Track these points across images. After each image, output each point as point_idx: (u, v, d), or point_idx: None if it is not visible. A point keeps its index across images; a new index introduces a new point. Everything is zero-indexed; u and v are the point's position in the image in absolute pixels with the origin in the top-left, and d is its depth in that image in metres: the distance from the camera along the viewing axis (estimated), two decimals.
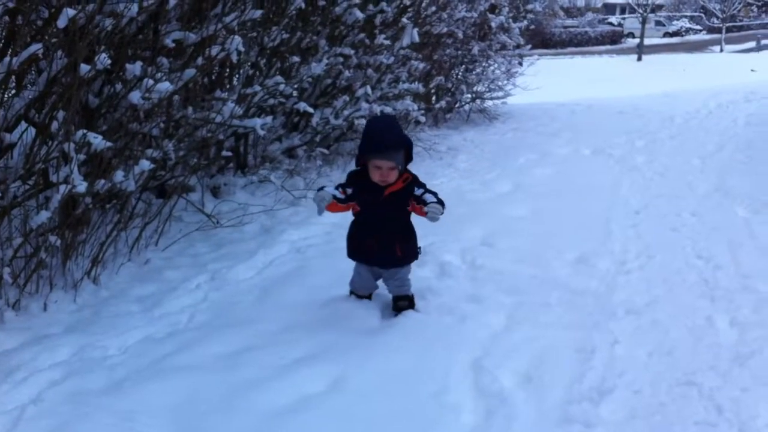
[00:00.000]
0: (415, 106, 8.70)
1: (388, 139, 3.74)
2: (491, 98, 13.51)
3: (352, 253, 4.11)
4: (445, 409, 3.21)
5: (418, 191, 3.85)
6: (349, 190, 3.83)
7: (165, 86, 4.37)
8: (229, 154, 6.21)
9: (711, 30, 57.78)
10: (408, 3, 8.46)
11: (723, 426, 3.13)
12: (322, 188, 3.76)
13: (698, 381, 3.49)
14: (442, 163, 8.95)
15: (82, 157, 3.92)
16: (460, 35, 11.56)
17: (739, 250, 5.46)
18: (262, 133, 5.79)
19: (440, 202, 3.78)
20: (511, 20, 13.48)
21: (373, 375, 3.46)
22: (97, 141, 3.88)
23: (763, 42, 47.81)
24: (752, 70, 28.97)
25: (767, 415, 3.21)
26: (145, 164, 4.36)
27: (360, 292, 4.24)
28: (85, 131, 3.87)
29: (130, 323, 4.01)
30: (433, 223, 3.77)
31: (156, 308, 4.23)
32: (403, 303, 4.12)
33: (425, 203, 3.79)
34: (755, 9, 70.84)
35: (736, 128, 12.19)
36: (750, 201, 6.93)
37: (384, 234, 3.95)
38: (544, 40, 45.82)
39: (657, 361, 3.72)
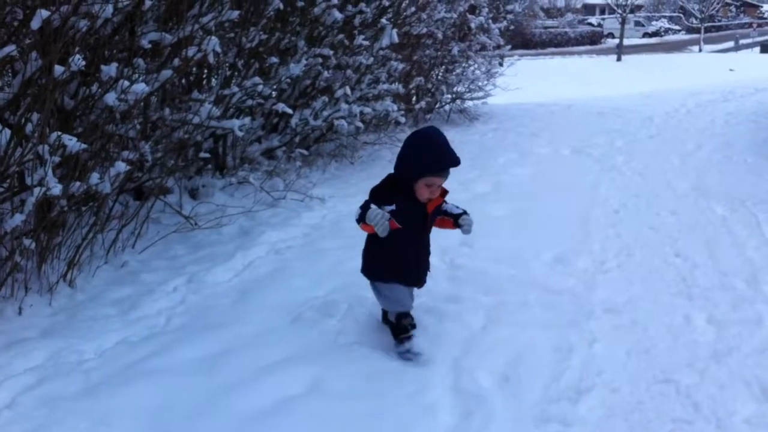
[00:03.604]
0: (395, 107, 8.69)
1: (452, 157, 3.49)
2: (471, 98, 13.51)
3: (391, 274, 3.68)
4: (422, 410, 3.21)
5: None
6: (390, 207, 3.45)
7: (140, 87, 4.35)
8: (207, 155, 6.18)
9: (690, 30, 58.30)
10: (387, 4, 8.47)
11: (700, 423, 3.15)
12: (366, 206, 3.43)
13: (676, 379, 3.50)
14: None
15: (57, 159, 3.89)
16: (440, 36, 11.58)
17: (717, 249, 5.50)
18: (240, 134, 5.77)
19: (465, 212, 3.74)
20: (490, 21, 13.52)
21: (351, 376, 3.45)
22: (72, 143, 3.84)
23: (742, 42, 48.36)
24: (731, 70, 29.32)
25: (744, 411, 3.23)
26: (121, 166, 4.33)
27: (409, 307, 3.78)
28: (59, 133, 3.83)
29: (107, 326, 3.96)
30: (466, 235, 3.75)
31: (133, 311, 4.19)
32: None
33: (452, 215, 3.73)
34: (733, 9, 71.62)
35: (715, 127, 12.29)
36: (728, 199, 6.98)
37: (424, 251, 3.80)
38: (524, 41, 46.01)
39: (635, 359, 3.73)
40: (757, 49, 44.62)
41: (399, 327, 3.72)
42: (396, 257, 3.63)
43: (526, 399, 3.31)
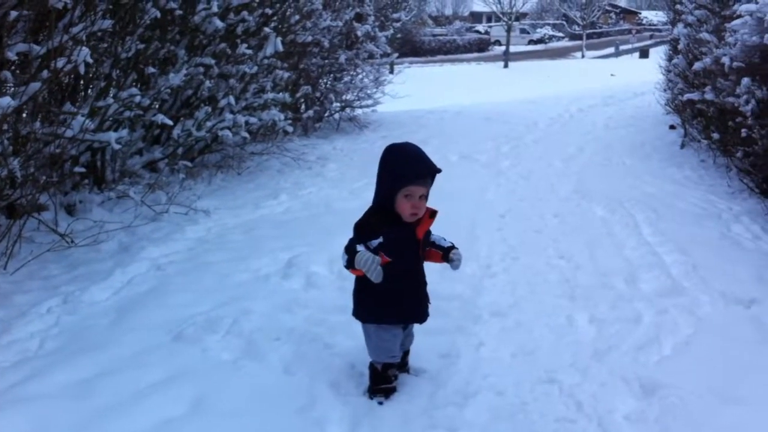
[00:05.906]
0: (282, 116, 8.59)
1: (427, 162, 3.19)
2: (361, 107, 13.57)
3: (388, 314, 3.34)
4: (311, 423, 3.16)
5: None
6: (376, 242, 3.19)
7: (6, 101, 4.14)
8: (84, 169, 5.94)
9: (573, 37, 60.44)
10: (270, 12, 8.37)
11: (582, 422, 3.19)
12: (352, 247, 3.19)
13: (559, 378, 3.55)
14: (311, 172, 8.88)
15: None
16: (326, 44, 11.56)
17: (598, 249, 5.65)
18: (117, 147, 5.58)
19: (453, 246, 3.49)
20: (377, 29, 13.59)
21: (236, 394, 3.37)
22: None
23: (622, 47, 50.50)
24: (612, 75, 30.49)
25: (624, 408, 3.30)
26: None
27: (398, 358, 3.45)
28: None
29: None
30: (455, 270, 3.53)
31: (4, 335, 3.98)
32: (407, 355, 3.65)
33: (441, 248, 3.45)
34: (613, 16, 74.77)
35: (596, 131, 12.75)
36: (607, 201, 7.21)
37: (420, 281, 3.44)
38: (413, 48, 46.65)
39: (520, 361, 3.77)
40: (637, 54, 46.59)
41: (382, 377, 3.40)
42: (391, 292, 3.26)
43: (414, 406, 3.30)
